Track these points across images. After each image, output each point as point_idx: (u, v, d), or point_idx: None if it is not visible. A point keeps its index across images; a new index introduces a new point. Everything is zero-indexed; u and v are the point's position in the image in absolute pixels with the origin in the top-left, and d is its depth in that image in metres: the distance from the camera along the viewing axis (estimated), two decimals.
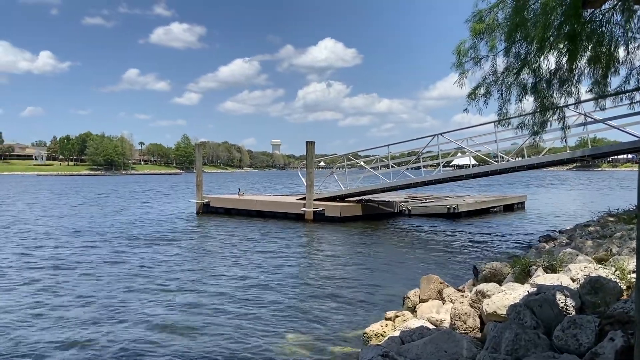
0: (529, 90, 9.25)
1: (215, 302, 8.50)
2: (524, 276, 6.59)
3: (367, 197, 22.09)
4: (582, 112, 14.98)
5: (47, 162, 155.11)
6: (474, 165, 21.42)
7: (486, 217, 22.34)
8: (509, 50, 8.81)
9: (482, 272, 7.44)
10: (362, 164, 21.90)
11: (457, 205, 21.76)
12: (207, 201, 24.33)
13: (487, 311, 5.26)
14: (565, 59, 8.39)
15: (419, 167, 20.65)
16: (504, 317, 4.91)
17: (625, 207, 14.34)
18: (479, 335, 5.31)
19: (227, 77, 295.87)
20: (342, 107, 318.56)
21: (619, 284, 4.89)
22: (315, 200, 20.65)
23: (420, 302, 7.35)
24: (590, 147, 17.69)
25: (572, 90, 9.26)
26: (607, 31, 8.28)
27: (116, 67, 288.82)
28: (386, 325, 6.45)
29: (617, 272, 5.23)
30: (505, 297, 5.27)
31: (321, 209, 20.23)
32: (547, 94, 9.16)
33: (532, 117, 9.99)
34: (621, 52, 9.00)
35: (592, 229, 11.62)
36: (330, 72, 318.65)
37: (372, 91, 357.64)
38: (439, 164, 20.11)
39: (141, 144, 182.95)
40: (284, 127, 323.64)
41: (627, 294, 4.84)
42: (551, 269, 6.41)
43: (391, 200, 22.90)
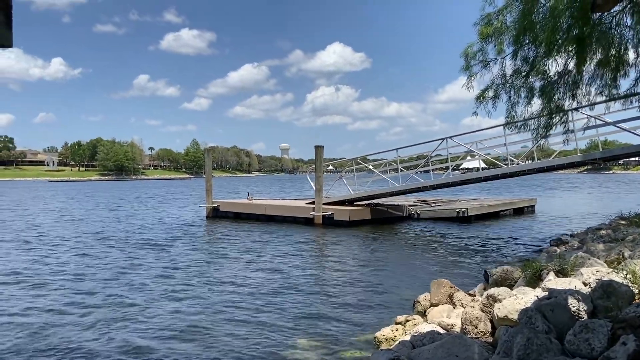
0: (537, 93, 9.23)
1: (225, 307, 8.54)
2: (535, 280, 6.56)
3: (376, 201, 22.08)
4: (592, 115, 14.90)
5: (59, 167, 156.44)
6: (483, 168, 21.34)
7: (496, 221, 22.23)
8: (516, 53, 8.81)
9: (493, 276, 7.42)
10: (371, 167, 21.93)
11: (467, 208, 21.67)
12: (216, 206, 24.44)
13: (498, 315, 5.25)
14: (573, 62, 8.37)
15: (428, 171, 20.62)
16: (516, 322, 4.90)
17: (637, 210, 14.26)
18: (490, 339, 5.30)
19: (237, 83, 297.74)
20: (350, 111, 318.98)
21: (631, 288, 4.87)
22: (324, 204, 20.67)
23: (430, 307, 7.35)
24: (601, 149, 17.56)
25: (581, 93, 9.23)
26: (616, 34, 8.25)
27: (127, 73, 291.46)
28: (397, 329, 6.45)
29: (629, 276, 5.20)
30: (516, 301, 5.26)
31: (330, 213, 20.25)
32: (556, 97, 9.13)
33: (537, 120, 9.97)
34: (631, 55, 8.97)
35: (603, 232, 11.55)
36: (338, 77, 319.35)
37: (381, 95, 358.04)
38: (448, 168, 20.07)
39: (151, 149, 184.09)
40: (292, 131, 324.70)
41: (639, 298, 4.82)
42: (563, 273, 6.39)
43: (400, 204, 22.86)
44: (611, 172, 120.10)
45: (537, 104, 9.64)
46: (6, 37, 2.82)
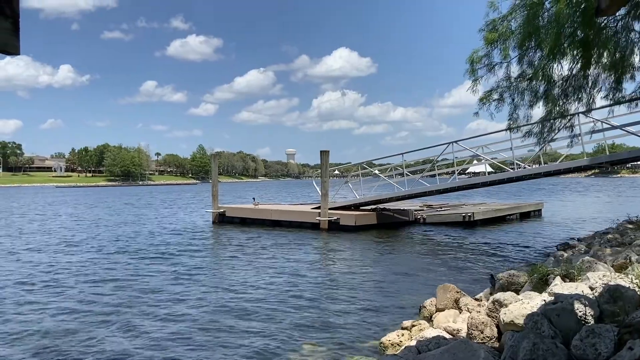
0: (542, 96, 9.22)
1: (231, 311, 8.56)
2: (541, 285, 6.53)
3: (382, 206, 22.06)
4: (598, 119, 14.84)
5: (66, 173, 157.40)
6: (489, 172, 21.26)
7: (502, 225, 22.14)
8: (522, 57, 8.81)
9: (499, 281, 7.39)
10: (377, 172, 21.89)
11: (473, 213, 21.59)
12: (222, 211, 24.50)
13: (504, 320, 5.23)
14: (578, 65, 8.36)
15: (434, 175, 20.57)
16: (522, 327, 4.88)
17: None
18: (497, 345, 5.28)
19: (243, 88, 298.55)
20: (356, 115, 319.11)
21: (638, 293, 4.84)
22: (330, 209, 20.67)
23: (436, 312, 7.33)
24: (608, 153, 17.46)
25: (586, 96, 9.21)
26: (621, 37, 8.24)
27: (134, 79, 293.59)
28: (402, 334, 6.44)
29: (636, 281, 5.17)
30: (522, 306, 5.24)
31: (336, 217, 20.24)
32: (561, 100, 9.12)
33: (541, 124, 9.95)
34: (636, 59, 8.94)
35: (610, 236, 11.49)
36: (344, 81, 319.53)
37: (387, 100, 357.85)
38: (454, 172, 20.02)
39: (157, 154, 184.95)
40: (298, 136, 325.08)
41: None
42: (569, 278, 6.35)
43: (406, 208, 22.83)
44: (619, 175, 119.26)
45: (540, 108, 9.64)
46: (14, 45, 2.86)
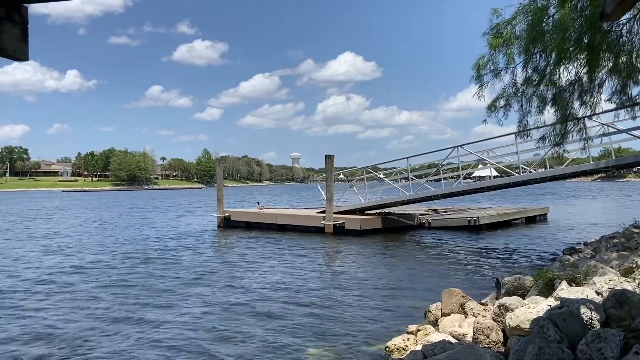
0: (550, 101, 9.21)
1: (236, 316, 8.57)
2: (547, 289, 6.51)
3: (387, 210, 22.04)
4: (605, 123, 14.80)
5: (72, 178, 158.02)
6: (495, 176, 21.22)
7: (508, 230, 22.07)
8: (527, 62, 8.81)
9: (505, 286, 7.37)
10: (382, 176, 21.91)
11: (478, 217, 21.55)
12: (227, 215, 24.53)
13: (510, 325, 5.22)
14: (584, 70, 8.35)
15: (439, 179, 20.54)
16: (528, 331, 4.87)
17: None
18: (502, 349, 5.27)
19: (248, 92, 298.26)
20: (361, 119, 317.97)
21: None
22: (335, 213, 20.68)
23: (442, 316, 7.31)
24: (614, 157, 17.40)
25: (593, 101, 9.19)
26: (627, 41, 8.22)
27: (140, 84, 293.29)
28: (408, 339, 6.43)
29: None
30: (528, 310, 5.23)
31: (341, 222, 20.24)
32: (568, 105, 9.10)
33: (552, 129, 9.93)
34: None
35: (617, 241, 11.44)
36: (350, 86, 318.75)
37: (392, 104, 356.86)
38: (459, 176, 19.98)
39: (163, 159, 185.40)
40: (303, 140, 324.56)
41: None
42: (575, 282, 6.34)
43: (411, 212, 22.80)
44: (625, 179, 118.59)
45: (549, 113, 9.60)
46: (22, 51, 2.90)
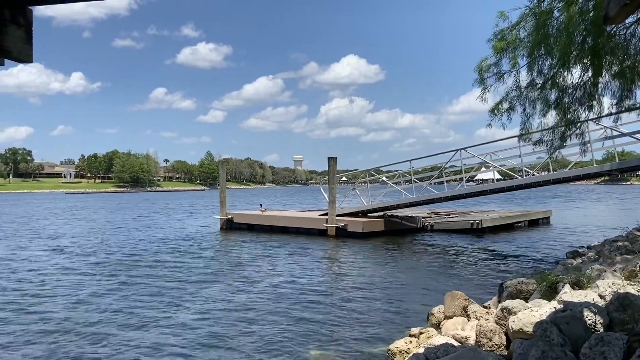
0: (553, 105, 9.19)
1: (238, 318, 8.57)
2: (550, 293, 6.49)
3: (389, 213, 22.01)
4: (608, 126, 14.77)
5: (75, 179, 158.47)
6: (498, 179, 21.17)
7: (510, 233, 22.01)
8: (531, 66, 8.80)
9: (508, 289, 7.35)
10: (385, 179, 21.88)
11: (481, 220, 21.51)
12: (230, 217, 24.55)
13: (513, 328, 5.20)
14: (588, 73, 8.34)
15: (442, 182, 20.51)
16: (531, 335, 4.86)
17: None
18: (505, 352, 5.26)
19: (252, 95, 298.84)
20: (364, 122, 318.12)
21: None
22: (337, 215, 20.67)
23: (444, 319, 7.30)
24: (617, 160, 17.35)
25: (597, 104, 9.17)
26: (631, 45, 8.21)
27: (144, 86, 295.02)
28: (410, 341, 6.43)
29: None
30: (531, 314, 5.22)
31: (343, 224, 20.23)
32: (572, 108, 9.09)
33: (552, 132, 9.91)
34: None
35: (620, 244, 11.40)
36: (353, 88, 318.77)
37: (395, 106, 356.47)
38: (462, 179, 19.96)
39: (166, 161, 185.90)
40: (306, 143, 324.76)
41: None
42: (579, 286, 6.32)
43: (414, 215, 22.77)
44: (629, 183, 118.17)
45: (552, 116, 9.58)
46: (27, 53, 2.92)
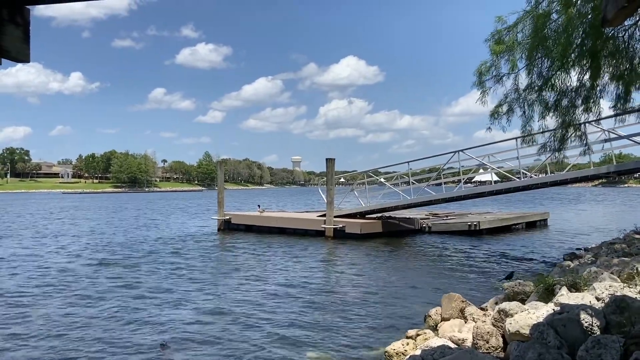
0: (552, 107, 9.19)
1: (236, 319, 8.56)
2: (547, 295, 6.49)
3: (387, 214, 22.01)
4: (606, 129, 14.79)
5: (73, 179, 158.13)
6: (496, 181, 21.19)
7: (508, 235, 22.03)
8: (530, 68, 8.80)
9: (505, 291, 7.36)
10: (383, 180, 21.88)
11: (479, 222, 21.52)
12: (228, 218, 24.50)
13: (510, 330, 5.20)
14: (586, 75, 8.35)
15: (440, 184, 20.51)
16: (527, 337, 4.86)
17: None
18: (502, 355, 5.25)
19: (251, 96, 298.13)
20: (363, 123, 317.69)
21: None
22: (335, 217, 20.65)
23: (442, 321, 7.29)
24: (615, 163, 17.37)
25: (595, 106, 9.17)
26: (630, 47, 8.22)
27: (143, 87, 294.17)
28: (407, 343, 6.41)
29: None
30: (528, 316, 5.21)
31: (341, 225, 20.22)
32: (570, 110, 9.09)
33: (552, 135, 9.91)
34: None
35: (617, 246, 11.41)
36: (352, 90, 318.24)
37: (394, 108, 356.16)
38: (460, 181, 19.98)
39: (164, 161, 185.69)
40: (305, 144, 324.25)
41: None
42: (575, 288, 6.32)
43: (412, 217, 22.78)
44: (626, 185, 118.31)
45: (551, 119, 9.58)
46: (24, 53, 2.91)
